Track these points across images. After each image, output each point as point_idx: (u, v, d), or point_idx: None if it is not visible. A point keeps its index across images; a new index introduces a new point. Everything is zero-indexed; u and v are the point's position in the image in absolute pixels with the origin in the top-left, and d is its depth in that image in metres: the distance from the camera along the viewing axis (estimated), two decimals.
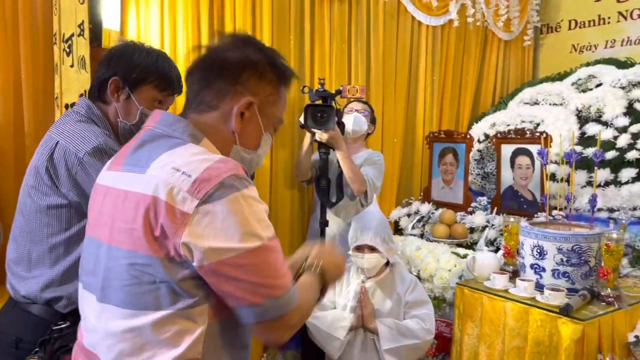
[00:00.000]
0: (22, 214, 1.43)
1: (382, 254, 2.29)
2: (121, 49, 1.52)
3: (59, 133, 1.38)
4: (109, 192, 1.05)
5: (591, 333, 1.90)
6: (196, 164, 0.93)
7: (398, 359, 2.20)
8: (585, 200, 2.65)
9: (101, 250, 1.02)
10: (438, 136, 3.46)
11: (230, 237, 0.90)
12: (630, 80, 3.30)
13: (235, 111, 1.06)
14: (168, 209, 0.90)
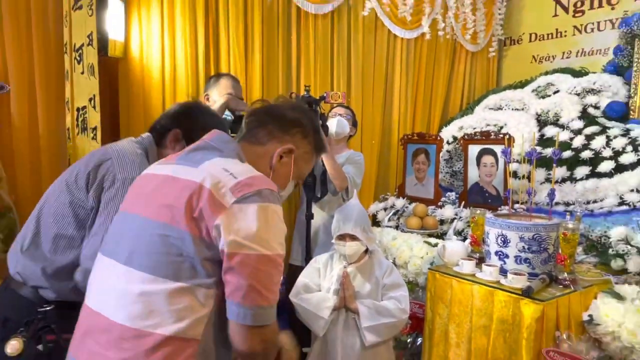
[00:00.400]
0: (42, 202, 1.45)
1: (362, 242, 2.32)
2: (191, 108, 1.63)
3: (117, 152, 1.43)
4: (155, 177, 1.12)
5: (550, 312, 1.92)
6: (244, 171, 1.04)
7: (376, 336, 2.23)
8: (544, 194, 2.70)
9: (134, 222, 1.06)
10: (411, 138, 3.49)
11: (250, 238, 0.96)
12: (584, 88, 3.35)
13: (278, 152, 1.20)
14: (210, 196, 0.97)
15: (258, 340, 1.01)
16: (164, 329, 0.95)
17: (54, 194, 1.43)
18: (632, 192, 2.61)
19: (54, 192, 1.44)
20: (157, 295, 0.97)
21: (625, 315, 1.87)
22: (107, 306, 1.02)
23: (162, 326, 0.95)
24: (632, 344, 1.82)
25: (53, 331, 1.29)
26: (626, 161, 2.71)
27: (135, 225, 1.05)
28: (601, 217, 2.64)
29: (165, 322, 0.96)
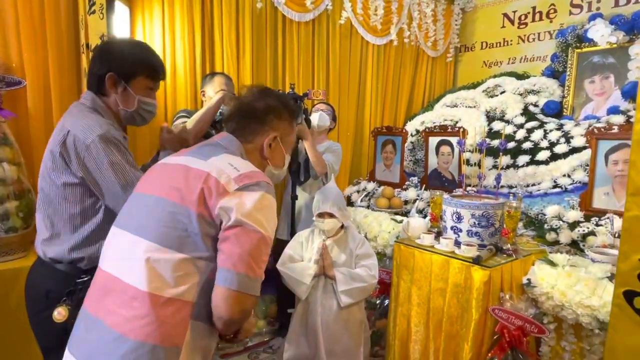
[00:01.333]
0: (43, 191, 1.38)
1: (338, 219, 2.33)
2: (111, 46, 1.44)
3: (70, 123, 1.32)
4: (168, 165, 1.13)
5: (495, 277, 1.95)
6: (246, 166, 1.08)
7: (351, 298, 2.25)
8: (492, 179, 2.74)
9: (149, 200, 1.07)
10: (381, 131, 3.49)
11: (247, 215, 0.99)
12: (526, 89, 3.41)
13: (265, 144, 1.22)
14: (216, 183, 1.00)
15: (239, 308, 1.00)
16: (166, 291, 0.97)
17: (46, 185, 1.36)
18: (564, 176, 2.67)
19: (46, 184, 1.36)
20: (164, 263, 0.98)
21: (558, 278, 1.92)
22: (123, 271, 1.02)
23: (165, 289, 0.97)
24: (562, 302, 1.87)
25: None
26: (560, 151, 2.76)
27: (150, 202, 1.06)
28: (538, 197, 2.69)
29: (168, 286, 0.97)
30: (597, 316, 1.76)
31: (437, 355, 2.15)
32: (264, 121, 1.23)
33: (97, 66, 1.40)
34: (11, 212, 1.92)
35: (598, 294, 1.78)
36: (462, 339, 2.04)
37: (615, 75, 3.02)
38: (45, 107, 2.09)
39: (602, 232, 2.12)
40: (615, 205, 2.21)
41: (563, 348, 1.96)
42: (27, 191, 2.00)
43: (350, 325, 2.33)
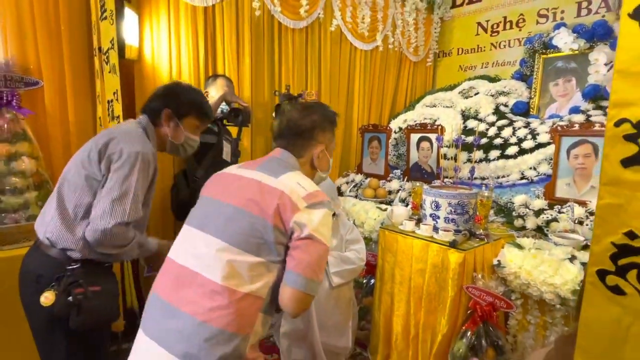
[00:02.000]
0: (65, 179, 1.36)
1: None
2: (173, 87, 1.55)
3: (121, 132, 1.37)
4: (239, 177, 1.17)
5: (469, 259, 1.97)
6: (310, 185, 1.14)
7: (341, 278, 2.25)
8: (466, 171, 2.75)
9: (227, 209, 1.12)
10: (367, 128, 3.49)
11: (316, 230, 1.05)
12: (497, 90, 3.40)
13: (315, 156, 1.26)
14: (289, 200, 1.05)
15: (303, 307, 1.07)
16: (244, 287, 1.03)
17: (70, 171, 1.35)
18: (531, 169, 2.68)
19: (70, 170, 1.36)
20: (242, 264, 1.04)
21: (524, 260, 1.94)
22: (202, 267, 1.06)
23: (242, 286, 1.03)
24: (528, 281, 1.89)
25: (81, 285, 1.25)
26: (527, 146, 2.77)
27: (229, 211, 1.10)
28: (507, 188, 2.70)
29: (245, 283, 1.03)
30: (559, 293, 1.78)
31: (417, 328, 2.17)
32: (311, 137, 1.25)
33: (158, 101, 1.50)
34: (31, 202, 1.90)
35: (560, 273, 1.80)
36: (440, 313, 2.06)
37: (576, 79, 3.03)
38: (61, 105, 2.06)
39: (564, 218, 2.14)
40: (576, 194, 2.22)
41: (528, 321, 1.98)
42: (45, 182, 1.97)
43: (340, 302, 2.33)
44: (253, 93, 2.92)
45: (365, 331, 2.63)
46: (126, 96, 2.28)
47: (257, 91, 2.96)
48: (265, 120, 3.00)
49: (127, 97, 2.34)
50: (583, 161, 2.20)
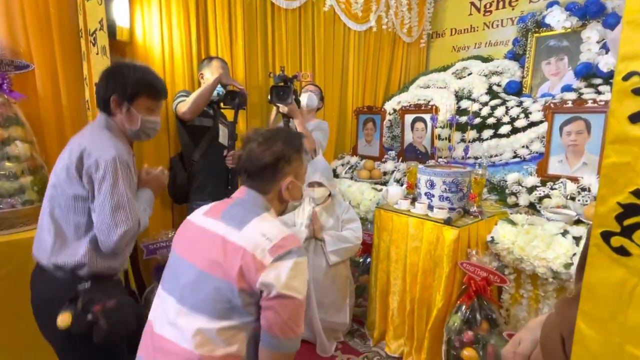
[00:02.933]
0: (53, 199, 1.31)
1: (326, 187, 2.31)
2: (114, 70, 1.37)
3: (87, 141, 1.28)
4: (205, 233, 1.07)
5: (463, 235, 1.98)
6: (277, 233, 1.02)
7: (338, 257, 2.26)
8: (460, 151, 2.74)
9: (192, 271, 1.03)
10: (362, 110, 3.45)
11: (285, 287, 0.96)
12: (490, 70, 3.36)
13: (283, 190, 1.14)
14: (253, 259, 0.96)
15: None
16: (219, 351, 0.98)
17: (57, 194, 1.30)
18: (523, 148, 2.67)
19: (57, 193, 1.30)
20: (211, 331, 0.98)
21: (517, 235, 1.94)
22: (175, 336, 1.01)
23: (217, 350, 0.98)
24: (521, 256, 1.90)
25: (98, 302, 1.21)
26: (519, 125, 2.75)
27: (194, 275, 1.03)
28: (500, 167, 2.69)
29: (220, 347, 0.98)
30: (551, 267, 1.79)
31: (412, 304, 2.18)
32: (275, 171, 1.13)
33: (103, 89, 1.35)
34: (27, 187, 1.86)
35: (552, 248, 1.80)
36: (435, 289, 2.07)
37: (568, 57, 3.00)
38: (53, 89, 2.00)
39: (556, 194, 2.14)
40: (568, 171, 2.22)
41: (521, 295, 2.00)
42: (40, 167, 1.93)
43: (338, 280, 2.34)
44: (247, 75, 2.86)
45: (362, 308, 2.65)
46: None
47: (251, 74, 2.90)
48: (261, 104, 2.95)
49: None
50: (575, 138, 2.18)
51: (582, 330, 0.47)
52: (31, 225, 1.87)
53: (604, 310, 0.44)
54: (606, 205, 0.41)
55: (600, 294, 0.44)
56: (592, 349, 0.46)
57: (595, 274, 0.44)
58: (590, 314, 0.46)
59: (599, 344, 0.45)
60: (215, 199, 2.30)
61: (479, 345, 1.87)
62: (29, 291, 1.75)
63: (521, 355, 0.71)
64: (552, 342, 0.57)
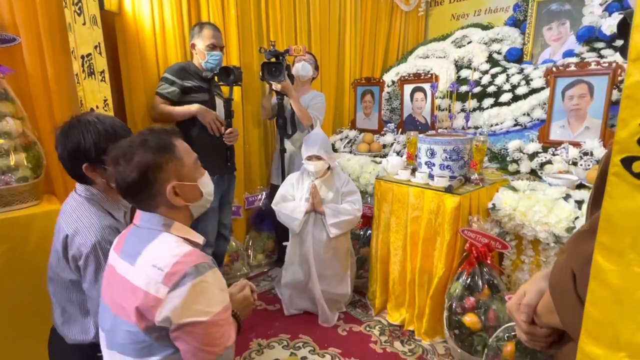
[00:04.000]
0: (53, 282, 1.30)
1: (325, 161, 2.27)
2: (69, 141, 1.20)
3: (67, 224, 1.21)
4: (114, 274, 0.99)
5: (465, 203, 1.97)
6: (168, 260, 0.90)
7: (338, 229, 2.25)
8: (461, 120, 2.70)
9: (109, 315, 0.99)
10: (360, 82, 3.38)
11: (184, 316, 0.89)
12: (490, 38, 3.28)
13: (169, 199, 0.97)
14: (146, 296, 0.89)
15: None
16: None
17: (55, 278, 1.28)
18: (524, 115, 2.62)
19: (55, 276, 1.28)
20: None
21: (519, 202, 1.93)
22: None
23: None
24: (523, 221, 1.89)
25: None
26: (520, 92, 2.70)
27: (110, 319, 0.98)
28: (501, 135, 2.65)
29: None
30: (553, 231, 1.78)
31: (413, 273, 2.18)
32: (149, 185, 0.95)
33: (69, 165, 1.23)
34: (20, 164, 1.82)
35: (555, 212, 1.79)
36: (436, 258, 2.06)
37: (570, 22, 2.91)
38: (42, 63, 1.93)
39: (558, 160, 2.11)
40: (570, 136, 2.18)
41: (522, 261, 2.00)
42: (33, 143, 1.88)
43: (339, 252, 2.34)
44: (240, 48, 2.78)
45: (363, 279, 2.66)
46: (110, 51, 2.16)
47: (245, 45, 2.81)
48: (254, 82, 2.88)
49: (112, 52, 2.21)
50: (578, 102, 2.14)
51: (599, 264, 0.45)
52: (27, 202, 1.84)
53: (623, 240, 0.42)
54: (628, 129, 0.38)
55: (620, 224, 0.41)
56: (610, 282, 0.44)
57: (615, 203, 0.41)
58: (608, 246, 0.43)
59: (618, 276, 0.43)
60: (215, 174, 2.29)
61: (481, 310, 1.87)
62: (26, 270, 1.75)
63: (526, 306, 0.69)
64: (562, 283, 0.55)
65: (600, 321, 0.47)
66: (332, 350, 2.09)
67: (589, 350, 0.48)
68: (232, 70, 2.23)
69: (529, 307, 0.68)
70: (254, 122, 2.98)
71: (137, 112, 2.32)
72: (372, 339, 2.19)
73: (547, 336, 0.68)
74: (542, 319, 0.67)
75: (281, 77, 2.39)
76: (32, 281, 1.77)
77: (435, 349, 2.09)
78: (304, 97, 2.71)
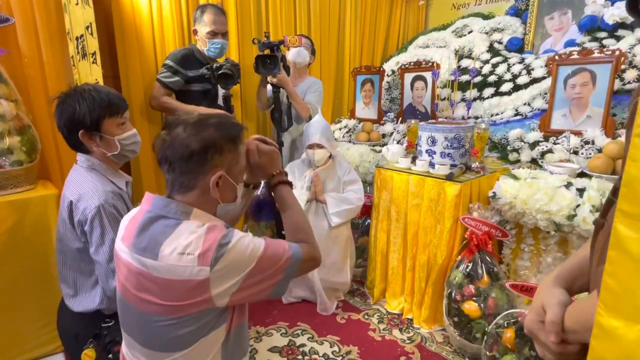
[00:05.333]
0: (61, 252, 1.30)
1: (327, 149, 2.24)
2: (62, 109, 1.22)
3: (70, 192, 1.23)
4: (130, 268, 0.91)
5: (465, 190, 1.96)
6: (195, 242, 0.86)
7: (340, 218, 2.23)
8: (461, 110, 2.68)
9: (132, 312, 0.93)
10: (360, 70, 3.33)
11: (241, 270, 0.87)
12: (491, 27, 3.24)
13: (212, 184, 0.92)
14: (191, 284, 0.84)
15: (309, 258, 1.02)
16: None
17: (64, 247, 1.29)
18: (525, 105, 2.60)
19: (63, 246, 1.29)
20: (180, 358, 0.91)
21: (520, 190, 1.91)
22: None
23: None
24: (524, 209, 1.87)
25: (118, 342, 1.19)
26: (521, 82, 2.68)
27: (136, 316, 0.92)
28: (501, 125, 2.63)
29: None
30: (554, 220, 1.77)
31: (413, 261, 2.17)
32: (204, 161, 0.91)
33: (65, 128, 1.23)
34: (14, 147, 1.78)
35: (556, 200, 1.77)
36: (436, 246, 2.05)
37: (572, 11, 2.88)
38: (37, 44, 1.89)
39: (559, 149, 2.09)
40: (572, 125, 2.16)
41: (522, 249, 1.99)
42: (28, 127, 1.85)
43: (339, 241, 2.32)
44: (239, 36, 2.73)
45: (361, 268, 2.65)
46: (106, 33, 2.11)
47: (244, 31, 2.76)
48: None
49: (108, 33, 2.16)
50: (580, 90, 2.12)
51: (619, 233, 0.43)
52: (22, 186, 1.81)
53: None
54: None
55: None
56: (631, 250, 0.42)
57: (638, 166, 0.39)
58: (629, 213, 0.41)
59: (639, 243, 0.41)
60: None
61: (480, 298, 1.87)
62: (20, 254, 1.72)
63: (553, 324, 0.60)
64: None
65: (619, 292, 0.44)
66: (331, 338, 2.08)
67: (607, 323, 0.46)
68: (231, 76, 2.16)
69: (556, 325, 0.60)
70: (252, 111, 2.94)
71: (134, 97, 2.27)
72: (370, 327, 2.18)
73: (579, 352, 0.59)
74: (576, 335, 0.59)
75: (276, 70, 2.30)
76: (26, 265, 1.75)
77: (434, 337, 2.09)
78: (300, 85, 2.66)
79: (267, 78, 2.40)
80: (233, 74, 2.15)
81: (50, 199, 1.79)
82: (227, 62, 2.19)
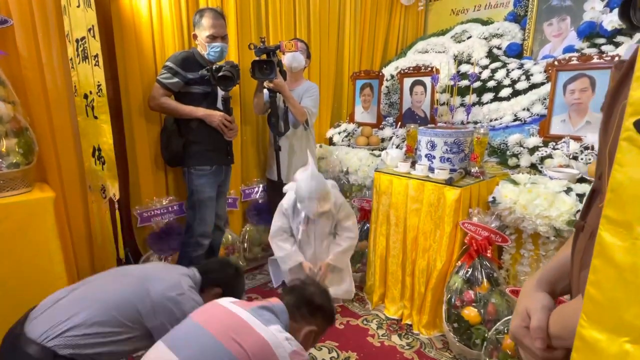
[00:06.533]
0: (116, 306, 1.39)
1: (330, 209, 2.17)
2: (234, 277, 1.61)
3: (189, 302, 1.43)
4: (230, 313, 1.15)
5: (465, 195, 1.95)
6: (296, 342, 1.14)
7: (339, 264, 2.26)
8: (461, 114, 2.68)
9: (206, 338, 1.08)
10: (359, 75, 3.35)
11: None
12: (490, 33, 3.26)
13: (305, 332, 1.26)
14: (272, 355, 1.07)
15: None
16: None
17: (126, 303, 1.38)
18: (524, 110, 2.60)
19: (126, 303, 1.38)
20: None
21: (519, 195, 1.90)
22: None
23: None
24: (523, 215, 1.87)
25: None
26: (520, 87, 2.68)
27: (206, 340, 1.07)
28: (500, 130, 2.63)
29: None
30: (554, 225, 1.76)
31: (412, 266, 2.16)
32: (313, 316, 1.29)
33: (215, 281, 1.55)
34: (11, 149, 1.76)
35: (556, 205, 1.77)
36: (435, 251, 2.04)
37: (571, 17, 2.90)
38: (35, 46, 1.87)
39: (559, 154, 2.09)
40: (571, 130, 2.17)
41: (522, 255, 1.98)
42: (25, 129, 1.83)
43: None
44: (239, 38, 2.73)
45: (360, 273, 2.63)
46: (105, 35, 2.10)
47: (243, 37, 2.76)
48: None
49: (107, 36, 2.15)
50: (579, 96, 2.12)
51: (604, 240, 0.41)
52: (18, 189, 1.79)
53: (632, 212, 0.38)
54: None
55: (629, 194, 0.38)
56: (615, 259, 0.40)
57: (625, 172, 0.38)
58: (615, 219, 0.40)
59: (624, 252, 0.39)
60: (214, 164, 2.24)
61: (480, 304, 1.85)
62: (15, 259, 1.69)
63: (539, 329, 0.59)
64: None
65: (602, 303, 0.43)
66: (329, 344, 2.06)
67: (588, 335, 0.44)
68: (231, 77, 2.15)
69: (542, 330, 0.59)
70: (250, 114, 2.92)
71: (132, 98, 2.26)
72: (369, 333, 2.16)
73: (564, 358, 0.59)
74: (561, 341, 0.58)
75: (272, 75, 2.30)
76: (22, 270, 1.72)
77: (433, 343, 2.07)
78: (297, 89, 2.64)
79: (264, 83, 2.39)
80: (233, 75, 2.15)
81: (47, 201, 1.77)
82: (227, 63, 2.18)
